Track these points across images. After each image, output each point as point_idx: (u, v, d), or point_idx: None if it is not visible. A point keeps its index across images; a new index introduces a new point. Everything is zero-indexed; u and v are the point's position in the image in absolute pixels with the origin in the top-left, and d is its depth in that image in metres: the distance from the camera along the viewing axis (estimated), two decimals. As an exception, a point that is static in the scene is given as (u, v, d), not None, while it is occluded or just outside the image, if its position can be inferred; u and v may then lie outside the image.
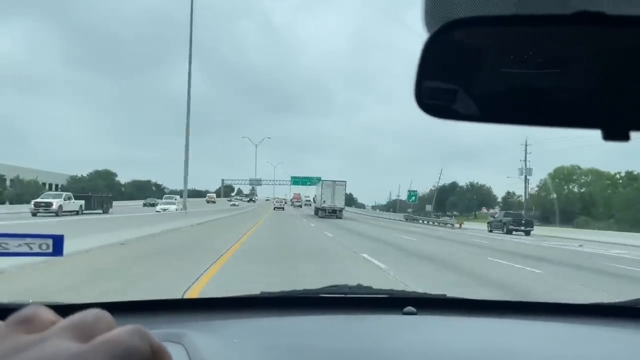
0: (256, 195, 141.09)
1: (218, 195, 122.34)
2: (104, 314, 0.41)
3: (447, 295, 1.86)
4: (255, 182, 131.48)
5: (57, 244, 1.38)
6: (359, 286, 1.86)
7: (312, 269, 10.70)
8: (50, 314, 0.41)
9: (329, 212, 51.04)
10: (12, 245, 1.38)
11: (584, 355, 1.34)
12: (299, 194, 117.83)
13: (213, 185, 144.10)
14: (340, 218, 49.85)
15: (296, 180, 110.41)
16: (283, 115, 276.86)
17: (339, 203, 52.56)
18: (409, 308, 1.62)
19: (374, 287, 1.90)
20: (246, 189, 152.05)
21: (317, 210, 56.07)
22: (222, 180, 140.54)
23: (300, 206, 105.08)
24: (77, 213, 38.59)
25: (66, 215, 34.41)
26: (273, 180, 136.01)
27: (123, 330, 0.38)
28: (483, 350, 1.32)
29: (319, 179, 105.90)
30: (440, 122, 0.70)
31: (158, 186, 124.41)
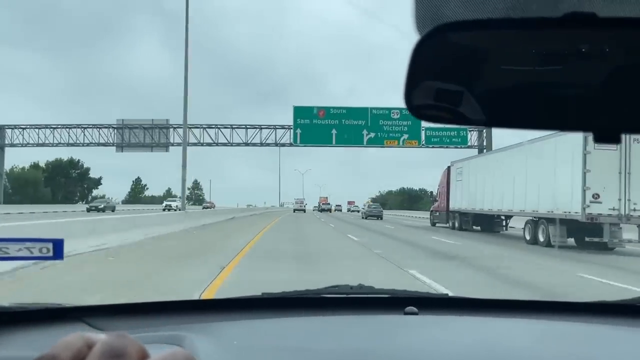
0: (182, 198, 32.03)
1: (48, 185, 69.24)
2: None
3: (449, 295, 1.85)
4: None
5: (58, 248, 1.39)
6: (360, 286, 1.85)
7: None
8: (137, 347, 0.42)
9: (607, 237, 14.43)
10: (13, 249, 1.39)
11: (587, 354, 1.33)
12: (326, 198, 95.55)
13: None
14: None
15: (307, 135, 40.88)
16: (267, 104, 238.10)
17: None
18: (411, 308, 1.61)
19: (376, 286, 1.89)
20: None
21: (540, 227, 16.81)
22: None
23: (330, 210, 79.79)
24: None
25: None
26: (230, 125, 44.97)
27: None
28: (485, 349, 1.31)
29: (403, 116, 38.62)
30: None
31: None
